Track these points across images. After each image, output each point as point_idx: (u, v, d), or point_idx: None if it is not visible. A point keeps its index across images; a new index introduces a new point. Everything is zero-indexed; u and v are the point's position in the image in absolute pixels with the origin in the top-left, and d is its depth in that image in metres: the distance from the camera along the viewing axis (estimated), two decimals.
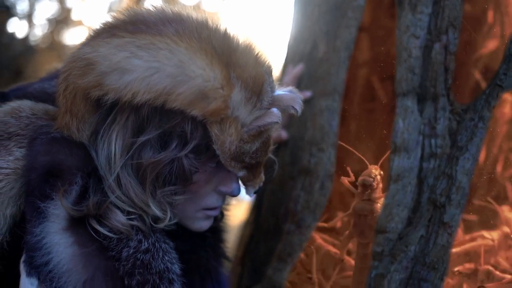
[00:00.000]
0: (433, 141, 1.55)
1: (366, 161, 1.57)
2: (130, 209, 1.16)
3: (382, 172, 1.58)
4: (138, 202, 1.16)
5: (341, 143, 1.62)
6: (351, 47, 1.65)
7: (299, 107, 1.23)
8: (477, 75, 1.70)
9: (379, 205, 1.58)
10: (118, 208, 1.15)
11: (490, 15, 1.75)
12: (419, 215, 1.53)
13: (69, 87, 1.14)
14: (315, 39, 1.75)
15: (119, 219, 1.14)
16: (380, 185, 1.58)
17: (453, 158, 1.51)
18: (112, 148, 1.14)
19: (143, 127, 1.13)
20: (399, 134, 1.56)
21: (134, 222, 1.16)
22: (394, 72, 1.58)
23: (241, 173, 1.23)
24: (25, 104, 1.27)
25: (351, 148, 1.59)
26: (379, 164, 1.59)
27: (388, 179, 1.56)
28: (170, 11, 1.17)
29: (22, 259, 1.12)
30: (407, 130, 1.56)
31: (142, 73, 1.06)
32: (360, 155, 1.57)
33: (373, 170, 1.58)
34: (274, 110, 1.16)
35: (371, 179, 1.56)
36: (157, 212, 1.18)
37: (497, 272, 1.56)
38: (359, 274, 1.59)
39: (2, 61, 6.68)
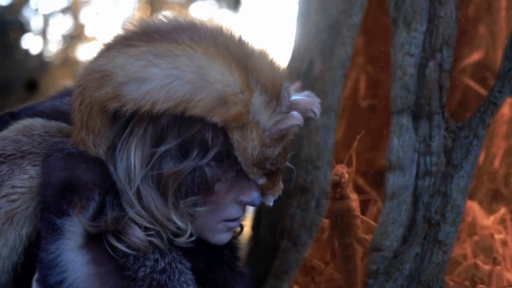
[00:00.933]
0: (428, 159, 1.56)
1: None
2: (149, 225, 1.13)
3: (349, 170, 1.60)
4: (159, 216, 1.13)
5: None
6: (347, 65, 1.66)
7: (317, 110, 1.21)
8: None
9: (354, 203, 1.60)
10: (136, 224, 1.13)
11: (482, 30, 1.76)
12: (414, 233, 1.53)
13: (85, 101, 1.12)
14: (312, 57, 1.76)
15: (137, 235, 1.11)
16: (350, 183, 1.61)
17: (448, 176, 1.51)
18: (131, 160, 1.11)
19: (162, 137, 1.11)
20: (394, 152, 1.56)
21: (152, 239, 1.13)
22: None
23: (262, 181, 1.20)
24: (37, 122, 1.26)
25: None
26: (345, 161, 1.61)
27: (383, 197, 1.56)
28: (183, 19, 1.16)
29: (35, 277, 1.09)
30: (402, 148, 1.56)
31: (161, 81, 1.05)
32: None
33: (339, 169, 1.60)
34: (295, 113, 1.15)
35: (338, 178, 1.59)
36: (180, 224, 1.15)
37: None
38: (348, 276, 1.60)
39: (17, 78, 6.75)
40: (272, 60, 1.19)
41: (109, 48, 1.14)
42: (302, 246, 1.62)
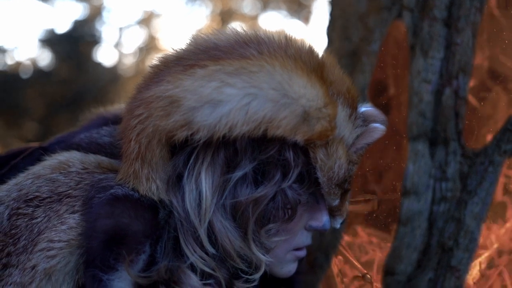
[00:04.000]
0: (443, 184, 1.57)
1: None
2: (210, 271, 1.03)
3: None
4: (232, 251, 1.03)
5: None
6: (365, 92, 1.70)
7: (385, 119, 1.13)
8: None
9: None
10: (193, 270, 1.03)
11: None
12: (428, 258, 1.55)
13: (145, 130, 1.00)
14: None
15: (193, 284, 1.01)
16: None
17: (462, 202, 1.53)
18: (202, 189, 1.00)
19: (235, 162, 1.01)
20: (409, 177, 1.58)
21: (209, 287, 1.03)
22: None
23: (336, 202, 1.10)
24: (74, 157, 1.12)
25: None
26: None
27: (397, 222, 1.59)
28: (243, 32, 1.05)
29: None
30: (417, 174, 1.58)
31: (238, 102, 0.94)
32: None
33: None
34: (377, 125, 1.08)
35: None
36: (262, 257, 1.04)
37: None
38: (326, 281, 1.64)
39: (90, 90, 6.98)
40: (340, 69, 1.11)
41: (166, 72, 1.03)
42: (319, 269, 1.67)
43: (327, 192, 1.06)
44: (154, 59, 1.10)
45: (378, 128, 1.07)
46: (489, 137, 1.56)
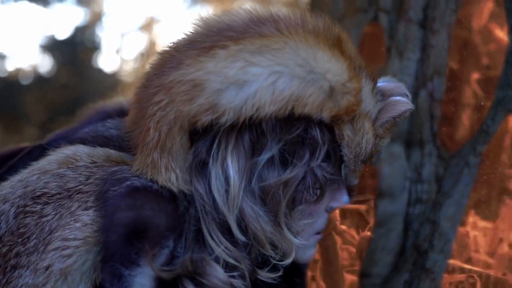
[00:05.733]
0: (419, 186, 1.57)
1: None
2: (235, 263, 0.99)
3: None
4: (263, 237, 0.99)
5: None
6: None
7: (409, 93, 1.10)
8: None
9: None
10: (218, 262, 0.98)
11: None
12: (403, 260, 1.55)
13: (166, 117, 0.95)
14: None
15: (219, 275, 0.97)
16: None
17: (437, 204, 1.52)
18: (230, 173, 0.96)
19: (261, 144, 0.97)
20: (385, 179, 1.59)
21: (233, 280, 0.99)
22: None
23: (356, 181, 1.08)
24: (82, 151, 1.06)
25: None
26: None
27: (373, 224, 1.59)
28: (254, 11, 1.01)
29: None
30: (393, 176, 1.58)
31: (264, 81, 0.91)
32: None
33: None
34: (399, 98, 1.05)
35: None
36: (295, 240, 1.02)
37: None
38: (328, 266, 1.64)
39: (90, 96, 6.99)
40: (353, 44, 1.07)
41: (180, 56, 0.98)
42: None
43: (353, 169, 1.03)
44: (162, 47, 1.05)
45: (401, 100, 1.04)
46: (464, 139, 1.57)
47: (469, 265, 1.52)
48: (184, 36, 1.02)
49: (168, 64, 0.98)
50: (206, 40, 0.97)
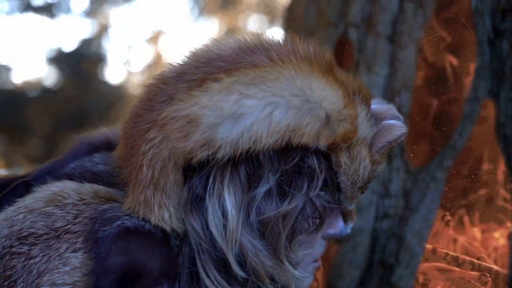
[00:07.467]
0: (386, 201, 1.57)
1: None
2: None
3: None
4: (263, 272, 0.96)
5: None
6: None
7: (400, 115, 1.09)
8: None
9: None
10: None
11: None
12: (370, 275, 1.54)
13: (160, 155, 0.92)
14: None
15: None
16: None
17: (404, 219, 1.52)
18: (227, 208, 0.94)
19: (258, 175, 0.95)
20: None
21: None
22: None
23: (352, 206, 1.07)
24: (69, 187, 1.02)
25: None
26: None
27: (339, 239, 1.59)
28: (242, 40, 0.99)
29: None
30: None
31: (260, 113, 0.89)
32: None
33: None
34: (392, 121, 1.04)
35: None
36: (295, 272, 1.00)
37: None
38: None
39: (95, 108, 7.01)
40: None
41: (170, 89, 0.96)
42: None
43: (350, 196, 1.02)
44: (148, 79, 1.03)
45: (396, 124, 1.03)
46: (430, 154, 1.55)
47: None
48: (170, 67, 1.00)
49: (157, 98, 0.96)
50: (196, 72, 0.95)
